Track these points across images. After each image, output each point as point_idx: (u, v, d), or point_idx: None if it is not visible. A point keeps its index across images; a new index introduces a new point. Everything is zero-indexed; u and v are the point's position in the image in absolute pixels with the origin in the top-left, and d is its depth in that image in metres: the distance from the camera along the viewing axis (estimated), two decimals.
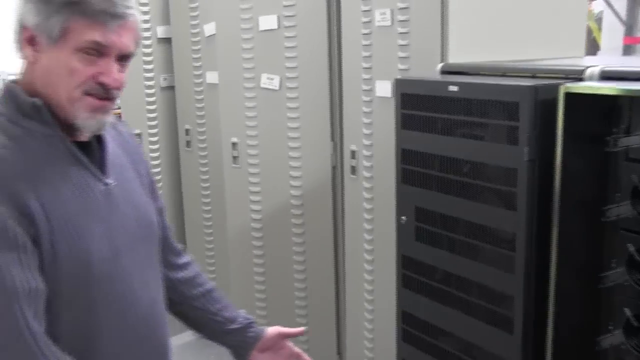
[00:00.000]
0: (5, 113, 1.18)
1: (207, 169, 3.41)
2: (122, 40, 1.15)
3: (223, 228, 3.24)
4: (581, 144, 1.71)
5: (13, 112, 1.17)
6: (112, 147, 1.29)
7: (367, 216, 2.62)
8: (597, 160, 1.72)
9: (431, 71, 2.21)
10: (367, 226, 2.63)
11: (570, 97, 1.63)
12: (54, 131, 1.18)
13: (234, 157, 3.01)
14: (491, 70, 2.02)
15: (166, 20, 3.43)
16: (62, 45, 1.12)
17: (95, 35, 1.12)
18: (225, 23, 2.95)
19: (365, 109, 2.55)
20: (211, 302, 1.54)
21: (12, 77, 1.22)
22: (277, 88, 2.84)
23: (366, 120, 2.55)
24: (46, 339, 1.10)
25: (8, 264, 1.07)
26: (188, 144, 3.47)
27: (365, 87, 2.53)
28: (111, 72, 1.15)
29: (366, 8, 2.47)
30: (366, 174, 2.59)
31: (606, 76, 1.72)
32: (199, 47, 3.29)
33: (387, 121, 2.43)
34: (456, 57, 2.25)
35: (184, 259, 1.58)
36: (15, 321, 1.07)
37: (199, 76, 3.31)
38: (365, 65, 2.51)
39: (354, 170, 2.66)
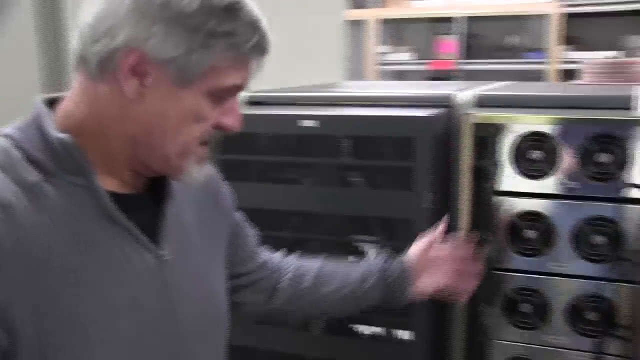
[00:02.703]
0: (26, 147, 0.85)
1: None
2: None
3: None
4: (476, 182, 1.47)
5: (36, 147, 0.85)
6: (179, 200, 0.97)
7: None
8: (483, 198, 1.51)
9: None
10: None
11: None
12: (87, 179, 0.86)
13: None
14: (317, 99, 1.65)
15: None
16: (191, 87, 0.84)
17: (238, 77, 0.87)
18: None
19: None
20: (329, 280, 1.26)
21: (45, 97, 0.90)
22: None
23: None
24: None
25: None
26: None
27: None
28: (237, 111, 0.91)
29: None
30: None
31: (483, 103, 1.51)
32: None
33: None
34: None
35: (271, 262, 1.28)
36: None
37: None
38: None
39: None
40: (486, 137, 1.51)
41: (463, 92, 1.53)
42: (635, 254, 1.46)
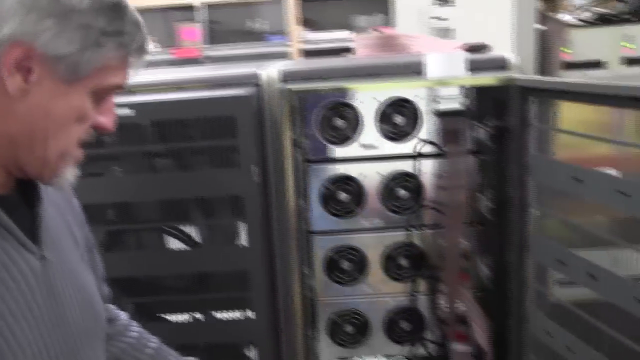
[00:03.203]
0: None
1: None
2: None
3: None
4: (294, 153, 1.56)
5: None
6: (45, 201, 0.92)
7: None
8: (299, 167, 1.61)
9: None
10: None
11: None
12: None
13: None
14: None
15: None
16: (78, 85, 0.82)
17: (121, 77, 0.87)
18: None
19: None
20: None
21: None
22: None
23: None
24: None
25: None
26: None
27: None
28: (113, 112, 0.89)
29: None
30: None
31: (288, 79, 1.59)
32: None
33: None
34: None
35: (121, 320, 1.22)
36: None
37: None
38: None
39: None
40: (297, 109, 1.60)
41: (267, 70, 1.59)
42: (433, 202, 1.66)
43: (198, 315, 1.65)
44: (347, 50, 4.66)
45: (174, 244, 1.56)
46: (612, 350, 1.20)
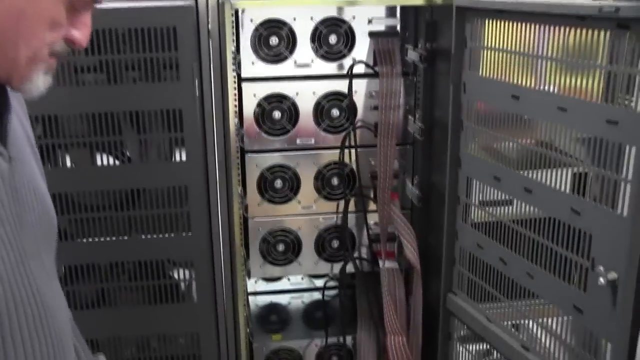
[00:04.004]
0: None
1: None
2: None
3: None
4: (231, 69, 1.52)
5: None
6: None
7: None
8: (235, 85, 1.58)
9: None
10: None
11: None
12: None
13: None
14: None
15: None
16: None
17: None
18: None
19: None
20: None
21: None
22: None
23: None
24: None
25: None
26: None
27: None
28: (88, 27, 0.86)
29: None
30: None
31: None
32: None
33: None
34: None
35: None
36: None
37: None
38: None
39: None
40: (236, 25, 1.56)
41: None
42: (365, 122, 1.69)
43: (132, 235, 1.60)
44: None
45: (110, 160, 1.50)
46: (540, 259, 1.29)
